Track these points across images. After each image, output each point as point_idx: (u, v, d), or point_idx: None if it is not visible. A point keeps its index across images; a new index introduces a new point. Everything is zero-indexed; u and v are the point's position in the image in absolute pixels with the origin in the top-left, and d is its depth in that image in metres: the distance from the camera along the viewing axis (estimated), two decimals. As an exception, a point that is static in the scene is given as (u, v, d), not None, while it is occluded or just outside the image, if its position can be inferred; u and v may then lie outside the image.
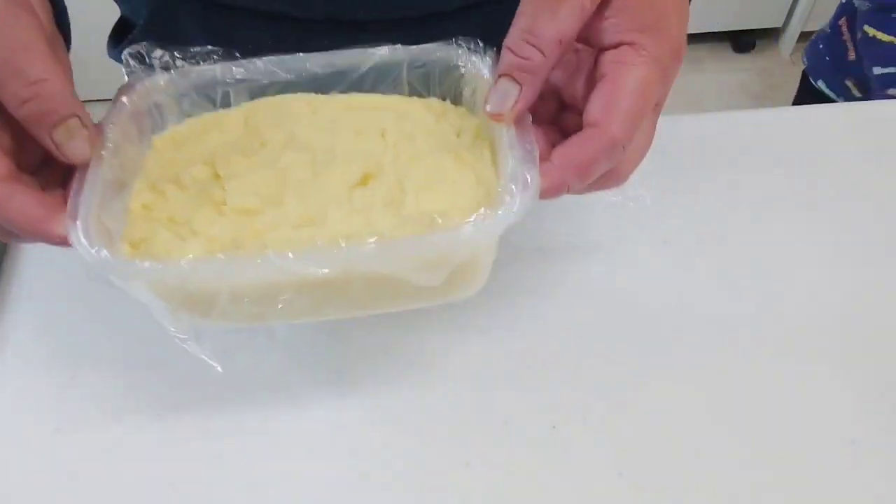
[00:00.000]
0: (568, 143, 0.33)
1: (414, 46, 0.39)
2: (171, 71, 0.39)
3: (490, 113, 0.35)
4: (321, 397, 0.46)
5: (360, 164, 0.37)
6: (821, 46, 1.26)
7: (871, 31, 1.11)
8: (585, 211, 0.46)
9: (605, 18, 0.34)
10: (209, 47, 0.40)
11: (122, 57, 0.39)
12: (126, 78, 0.39)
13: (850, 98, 1.23)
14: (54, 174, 0.35)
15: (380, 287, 0.35)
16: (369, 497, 0.42)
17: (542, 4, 0.33)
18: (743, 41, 1.87)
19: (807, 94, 1.37)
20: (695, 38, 1.83)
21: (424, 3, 0.53)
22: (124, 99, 0.38)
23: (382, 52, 0.39)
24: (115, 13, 0.63)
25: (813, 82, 1.30)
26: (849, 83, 1.22)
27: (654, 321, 0.49)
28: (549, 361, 0.47)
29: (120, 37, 0.60)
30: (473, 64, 0.39)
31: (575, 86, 0.35)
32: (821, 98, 1.29)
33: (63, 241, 0.32)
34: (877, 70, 1.10)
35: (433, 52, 0.40)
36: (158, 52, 0.39)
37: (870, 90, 1.17)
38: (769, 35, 1.85)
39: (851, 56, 1.19)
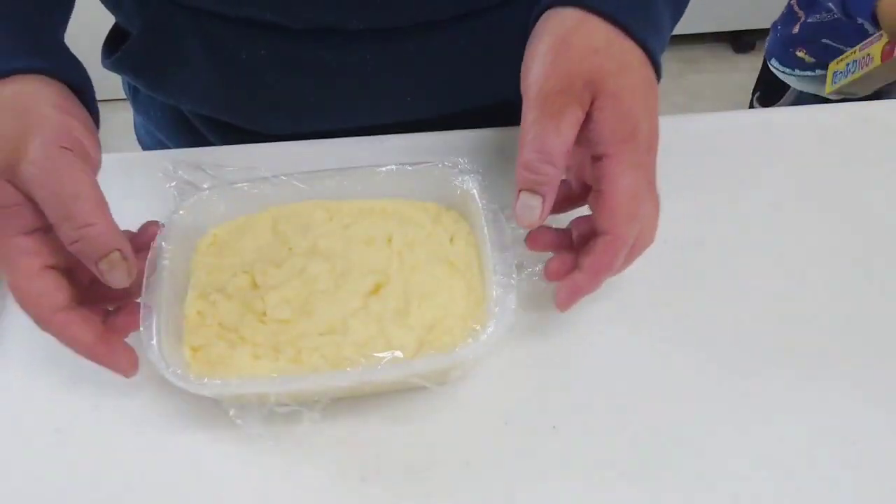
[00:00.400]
0: (589, 251, 0.42)
1: (415, 168, 0.49)
2: (211, 189, 0.49)
3: (521, 224, 0.42)
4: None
5: (372, 276, 0.46)
6: (778, 27, 1.30)
7: None
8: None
9: (591, 129, 0.40)
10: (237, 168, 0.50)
11: (171, 183, 0.48)
12: (175, 194, 0.48)
13: (804, 67, 1.25)
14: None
15: (392, 385, 0.45)
16: (369, 497, 0.42)
17: (546, 122, 0.40)
18: (743, 41, 1.87)
19: (763, 80, 1.40)
20: (695, 38, 1.83)
21: (417, 12, 0.53)
22: (182, 212, 0.47)
23: (391, 168, 0.49)
24: (111, 17, 0.62)
25: (768, 63, 1.32)
26: (800, 54, 1.25)
27: (655, 321, 0.49)
28: (549, 361, 0.47)
29: (114, 46, 0.60)
30: (464, 182, 0.49)
31: (588, 172, 0.43)
32: (775, 81, 1.32)
33: (108, 363, 0.42)
34: None
35: (432, 168, 0.49)
36: (196, 173, 0.49)
37: (821, 53, 1.19)
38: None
39: (796, 29, 1.22)
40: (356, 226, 0.49)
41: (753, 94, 1.47)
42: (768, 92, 1.40)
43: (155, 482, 0.43)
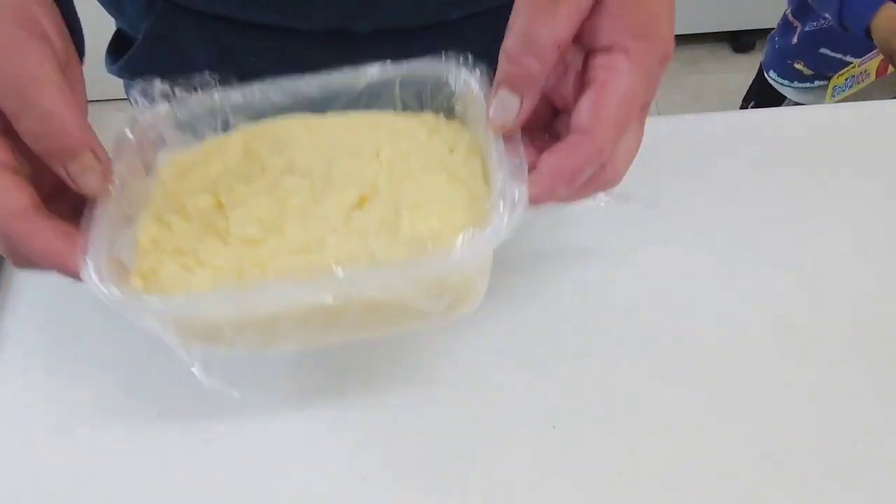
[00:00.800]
0: (555, 150, 0.34)
1: (404, 63, 0.40)
2: (171, 101, 0.40)
3: (494, 125, 0.35)
4: (322, 397, 0.46)
5: (356, 187, 0.39)
6: (776, 38, 1.30)
7: None
8: (586, 212, 0.46)
9: (600, 19, 0.34)
10: (207, 75, 0.41)
11: (130, 95, 0.39)
12: (134, 113, 0.40)
13: (802, 79, 1.25)
14: (69, 199, 0.36)
15: (378, 312, 0.36)
16: (369, 497, 0.42)
17: (538, 6, 0.33)
18: (743, 41, 1.87)
19: (756, 92, 1.40)
20: (695, 38, 1.83)
21: (426, 14, 0.53)
22: (128, 133, 0.39)
23: (373, 71, 0.41)
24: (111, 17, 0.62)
25: (765, 74, 1.33)
26: (798, 65, 1.25)
27: (655, 321, 0.49)
28: (549, 361, 0.47)
29: (117, 53, 0.60)
30: (464, 80, 0.39)
31: (565, 88, 0.36)
32: (770, 91, 1.33)
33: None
34: None
35: (423, 68, 0.41)
36: (159, 85, 0.40)
37: (819, 64, 1.19)
38: (769, 35, 1.86)
39: (795, 40, 1.23)
40: (340, 141, 0.42)
41: (747, 103, 1.47)
42: (762, 104, 1.40)
43: (155, 482, 0.43)
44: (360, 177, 0.40)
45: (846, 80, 1.10)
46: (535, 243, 0.52)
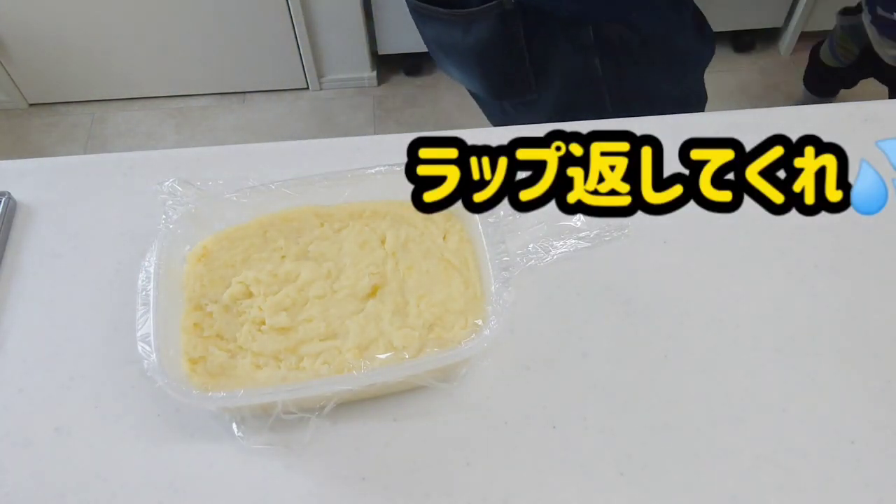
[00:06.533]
0: None
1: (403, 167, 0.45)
2: (199, 201, 0.48)
3: None
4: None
5: (368, 278, 0.46)
6: None
7: None
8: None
9: None
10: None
11: (161, 190, 0.48)
12: (165, 207, 0.48)
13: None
14: None
15: (391, 384, 0.44)
16: (369, 496, 0.42)
17: None
18: (743, 41, 1.87)
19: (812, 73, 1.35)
20: (695, 38, 1.83)
21: None
22: (170, 226, 0.46)
23: (378, 169, 0.49)
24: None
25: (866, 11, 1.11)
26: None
27: (655, 321, 0.49)
28: (549, 361, 0.47)
29: None
30: None
31: None
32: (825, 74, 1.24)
33: None
34: None
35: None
36: (186, 187, 0.48)
37: None
38: (769, 35, 1.85)
39: None
40: (348, 229, 0.48)
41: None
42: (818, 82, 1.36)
43: (154, 481, 0.43)
44: (369, 265, 0.47)
45: None
46: (534, 243, 0.51)
